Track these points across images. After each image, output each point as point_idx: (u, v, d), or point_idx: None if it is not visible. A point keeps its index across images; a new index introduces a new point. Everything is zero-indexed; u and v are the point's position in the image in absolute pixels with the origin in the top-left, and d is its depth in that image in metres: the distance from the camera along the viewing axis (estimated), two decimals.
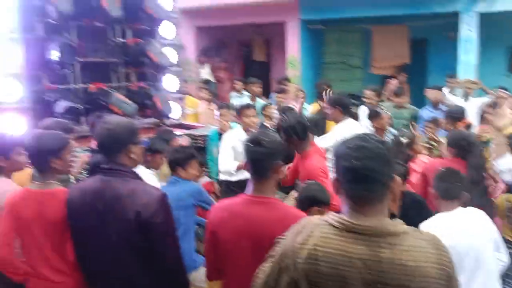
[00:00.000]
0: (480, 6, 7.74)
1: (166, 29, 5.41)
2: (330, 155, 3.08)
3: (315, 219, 1.50)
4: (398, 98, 6.28)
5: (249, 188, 2.05)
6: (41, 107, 4.47)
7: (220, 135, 4.74)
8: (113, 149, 2.06)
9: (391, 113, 6.28)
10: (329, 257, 1.37)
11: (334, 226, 1.40)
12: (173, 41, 5.60)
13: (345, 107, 4.17)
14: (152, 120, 5.25)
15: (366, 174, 1.37)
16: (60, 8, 4.06)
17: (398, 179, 1.53)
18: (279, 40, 11.26)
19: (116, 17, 4.51)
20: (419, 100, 8.47)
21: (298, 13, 9.69)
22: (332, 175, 1.61)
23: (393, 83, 8.40)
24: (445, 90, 6.78)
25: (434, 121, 4.88)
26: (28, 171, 2.94)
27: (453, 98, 6.45)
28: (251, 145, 2.04)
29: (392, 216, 1.47)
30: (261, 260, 1.61)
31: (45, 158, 2.35)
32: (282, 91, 7.09)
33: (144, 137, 4.26)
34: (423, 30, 9.05)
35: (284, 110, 4.96)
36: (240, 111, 4.41)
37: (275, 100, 6.83)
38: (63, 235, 2.22)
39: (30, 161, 2.54)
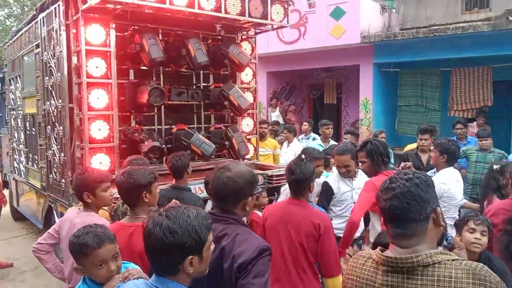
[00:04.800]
0: None
1: (245, 74, 5.65)
2: None
3: (366, 252, 1.66)
4: (483, 141, 5.92)
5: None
6: (128, 146, 4.75)
7: None
8: (231, 201, 2.02)
9: (475, 157, 5.93)
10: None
11: (374, 259, 1.55)
12: (250, 85, 5.81)
13: (452, 156, 4.12)
14: (228, 160, 5.38)
15: (394, 214, 1.47)
16: (152, 56, 4.36)
17: (439, 209, 1.50)
18: (351, 83, 11.26)
19: (202, 64, 4.74)
20: (502, 144, 7.94)
21: (372, 57, 9.68)
22: None
23: (474, 126, 8.02)
24: None
25: None
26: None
27: None
28: (292, 173, 2.98)
29: None
30: (288, 240, 2.87)
31: (137, 192, 2.48)
32: (353, 133, 7.03)
33: None
34: (509, 72, 8.61)
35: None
36: None
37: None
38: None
39: (122, 197, 2.68)
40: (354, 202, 3.83)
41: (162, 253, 1.49)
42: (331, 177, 4.24)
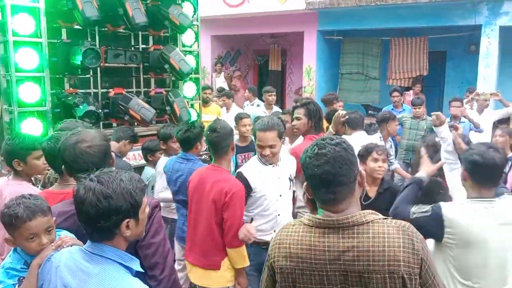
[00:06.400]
0: (501, 19, 7.69)
1: (187, 37, 5.47)
2: None
3: (293, 221, 1.66)
4: (416, 108, 6.22)
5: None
6: (62, 110, 4.52)
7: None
8: (99, 167, 1.76)
9: (409, 124, 6.24)
10: (300, 253, 1.52)
11: (306, 224, 1.55)
12: (192, 49, 5.65)
13: (352, 124, 4.47)
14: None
15: (327, 179, 1.48)
16: (86, 15, 4.09)
17: (363, 172, 1.58)
18: (295, 50, 11.29)
19: (141, 25, 4.52)
20: (434, 111, 8.42)
21: (316, 24, 9.71)
22: None
23: (410, 94, 8.39)
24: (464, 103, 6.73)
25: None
26: None
27: (469, 112, 6.37)
28: (209, 132, 2.90)
29: None
30: (203, 203, 2.88)
31: None
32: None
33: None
34: (443, 43, 9.00)
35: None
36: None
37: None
38: None
39: (51, 164, 2.54)
40: (280, 195, 3.05)
41: (97, 218, 1.47)
42: (248, 164, 3.15)
